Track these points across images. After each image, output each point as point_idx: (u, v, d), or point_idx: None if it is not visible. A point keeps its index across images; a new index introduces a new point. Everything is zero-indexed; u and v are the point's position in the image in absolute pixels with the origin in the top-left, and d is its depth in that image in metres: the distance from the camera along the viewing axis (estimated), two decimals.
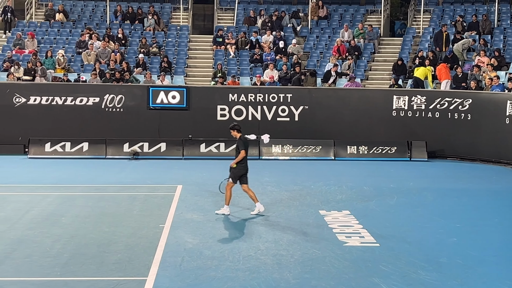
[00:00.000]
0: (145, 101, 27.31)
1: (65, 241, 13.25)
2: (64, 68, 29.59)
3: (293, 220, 15.77)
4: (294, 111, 27.49)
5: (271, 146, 26.94)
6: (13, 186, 20.15)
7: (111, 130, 27.01)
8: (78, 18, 35.50)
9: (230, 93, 27.55)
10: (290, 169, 24.48)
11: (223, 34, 33.05)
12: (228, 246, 12.98)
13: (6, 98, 26.65)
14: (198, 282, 10.51)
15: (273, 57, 30.98)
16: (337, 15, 36.09)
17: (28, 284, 10.47)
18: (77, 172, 23.26)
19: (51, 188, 19.80)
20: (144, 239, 13.55)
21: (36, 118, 26.88)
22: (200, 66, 32.44)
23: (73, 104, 27.04)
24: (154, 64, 30.81)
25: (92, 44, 30.93)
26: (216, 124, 27.30)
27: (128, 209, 16.83)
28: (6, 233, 13.88)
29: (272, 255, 12.31)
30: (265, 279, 10.62)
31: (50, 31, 33.39)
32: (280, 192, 19.57)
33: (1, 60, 30.13)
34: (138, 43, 32.41)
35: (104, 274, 11.00)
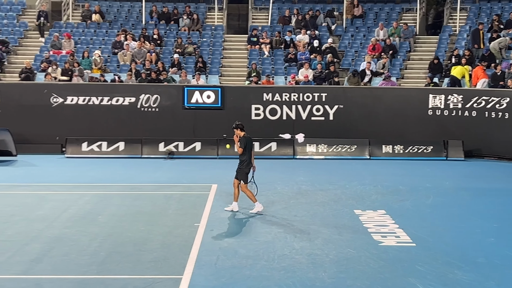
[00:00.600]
0: (180, 101, 27.45)
1: (102, 239, 13.37)
2: (100, 68, 29.85)
3: (327, 220, 15.69)
4: (329, 110, 27.40)
5: (305, 145, 26.93)
6: (50, 185, 20.36)
7: (147, 129, 27.18)
8: (114, 19, 35.80)
9: (265, 92, 27.56)
10: (324, 169, 24.44)
11: (257, 33, 33.05)
12: (263, 245, 12.94)
13: (44, 98, 26.98)
14: (233, 281, 10.52)
15: (308, 56, 30.89)
16: (372, 13, 35.87)
17: (66, 282, 10.58)
18: (114, 171, 23.52)
19: (88, 187, 20.00)
20: (180, 238, 13.62)
21: (73, 118, 27.15)
22: (234, 66, 32.48)
23: (109, 104, 27.29)
24: (189, 64, 30.93)
25: (128, 44, 31.16)
26: (251, 123, 27.19)
27: (164, 208, 16.91)
28: (44, 231, 14.05)
29: (307, 254, 12.27)
30: (300, 279, 10.59)
31: (87, 32, 33.71)
32: (315, 192, 19.49)
33: (39, 60, 30.51)
34: (173, 43, 32.58)
35: (140, 273, 11.06)
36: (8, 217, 15.49)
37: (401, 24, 33.26)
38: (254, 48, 32.32)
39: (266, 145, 26.97)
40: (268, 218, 15.70)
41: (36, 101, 27.08)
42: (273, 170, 23.77)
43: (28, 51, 32.63)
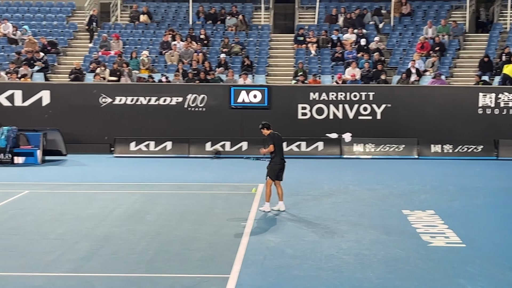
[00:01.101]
0: (227, 101, 27.55)
1: (150, 238, 13.45)
2: (148, 68, 30.14)
3: (375, 220, 15.53)
4: (376, 109, 27.21)
5: (352, 144, 26.82)
6: (99, 184, 20.63)
7: (194, 129, 27.36)
8: (161, 19, 36.08)
9: (311, 91, 27.48)
10: (372, 168, 24.25)
11: (304, 32, 32.98)
12: (310, 245, 12.87)
13: (93, 99, 27.37)
14: (281, 281, 10.49)
15: (355, 55, 30.71)
16: (420, 11, 35.49)
17: (115, 280, 10.67)
18: (161, 170, 23.70)
19: (136, 187, 20.20)
20: (227, 237, 13.63)
21: (121, 117, 27.51)
22: (281, 65, 32.46)
23: (157, 104, 27.54)
24: (235, 63, 31.02)
25: (175, 44, 31.39)
26: (297, 123, 27.31)
27: (211, 207, 16.94)
28: (93, 230, 14.21)
29: (355, 254, 12.16)
30: (347, 279, 10.51)
31: (135, 33, 34.07)
32: (362, 191, 19.33)
33: (88, 61, 30.95)
34: (220, 43, 32.71)
35: (188, 271, 11.10)
36: (59, 215, 15.71)
37: (450, 21, 32.87)
38: (301, 47, 32.28)
39: (313, 145, 26.89)
40: (315, 218, 15.61)
41: (85, 101, 27.50)
42: (320, 170, 23.76)
43: (78, 52, 33.11)
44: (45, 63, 30.48)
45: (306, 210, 16.54)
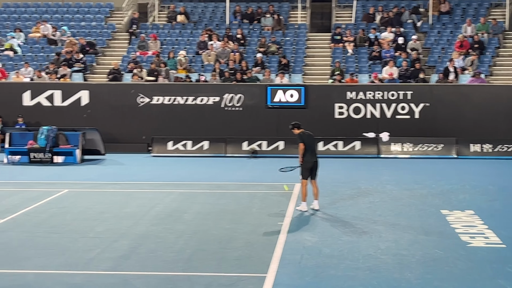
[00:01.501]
0: (263, 100, 27.57)
1: (188, 237, 13.53)
2: (185, 68, 30.28)
3: (413, 220, 15.41)
4: (415, 109, 27.00)
5: (390, 144, 26.67)
6: (138, 183, 20.80)
7: (231, 128, 27.43)
8: (198, 19, 36.21)
9: (348, 91, 27.37)
10: (410, 168, 24.07)
11: (341, 31, 32.83)
12: (347, 245, 12.82)
13: (131, 98, 27.60)
14: (318, 280, 10.46)
15: (393, 54, 30.48)
16: (459, 9, 35.07)
17: (153, 278, 10.73)
18: (198, 170, 23.78)
19: (173, 186, 20.26)
20: (264, 236, 13.63)
21: (159, 117, 27.70)
22: (318, 64, 32.35)
23: (194, 103, 27.67)
24: (272, 63, 31.00)
25: (212, 44, 31.49)
26: (334, 122, 27.23)
27: (248, 207, 16.97)
28: (132, 228, 14.33)
29: (393, 254, 12.07)
30: (385, 279, 10.44)
31: (172, 33, 34.25)
32: (400, 191, 19.19)
33: (126, 61, 31.21)
34: (256, 43, 32.71)
35: (225, 270, 11.12)
36: (98, 214, 15.87)
37: (490, 19, 32.44)
38: (338, 47, 32.15)
39: (350, 144, 26.78)
40: (352, 218, 15.53)
41: (123, 101, 27.76)
42: (357, 169, 23.66)
43: (116, 53, 33.40)
44: (84, 63, 30.82)
45: (343, 209, 16.47)
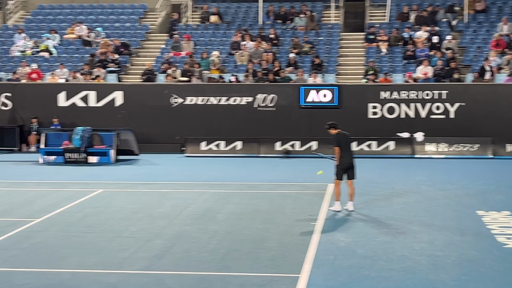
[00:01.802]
0: (296, 100, 27.53)
1: (221, 237, 13.56)
2: (218, 69, 30.35)
3: (448, 220, 15.25)
4: (450, 108, 26.76)
5: (425, 144, 26.48)
6: (171, 183, 20.87)
7: (264, 129, 27.44)
8: (231, 20, 36.27)
9: (382, 90, 27.21)
10: (445, 168, 23.83)
11: (375, 31, 32.66)
12: (381, 246, 12.74)
13: (164, 99, 27.75)
14: (352, 281, 10.41)
15: (427, 53, 30.21)
16: (495, 8, 34.67)
17: (187, 278, 10.78)
18: (231, 170, 23.87)
19: (206, 186, 20.36)
20: (297, 237, 13.62)
21: (192, 117, 27.80)
22: (351, 64, 32.21)
23: (227, 104, 27.73)
24: (305, 63, 30.94)
25: (245, 44, 31.53)
26: (368, 122, 27.10)
27: (281, 207, 16.95)
28: (166, 228, 14.41)
29: (427, 255, 11.96)
30: (420, 280, 10.36)
31: (205, 33, 34.37)
32: (435, 192, 19.02)
33: (159, 62, 31.39)
34: (289, 43, 32.67)
35: (259, 270, 11.13)
36: (132, 214, 15.99)
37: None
38: (372, 46, 32.00)
39: (384, 144, 26.64)
40: (386, 218, 15.44)
41: (157, 101, 27.91)
42: (391, 169, 23.55)
43: (150, 53, 33.61)
44: (118, 64, 31.07)
45: (377, 210, 16.39)
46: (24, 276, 10.93)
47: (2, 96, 28.60)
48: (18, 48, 32.85)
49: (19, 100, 28.63)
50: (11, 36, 34.39)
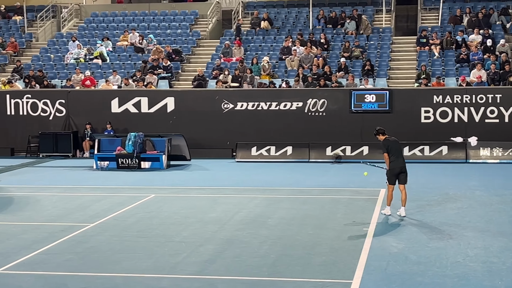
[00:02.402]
0: (347, 105, 27.39)
1: (272, 242, 13.54)
2: (268, 74, 30.42)
3: (504, 226, 14.93)
4: (504, 112, 26.30)
5: (479, 148, 26.03)
6: (222, 188, 20.96)
7: (314, 134, 27.33)
8: (282, 25, 36.34)
9: (435, 94, 26.88)
10: (500, 173, 23.39)
11: (427, 34, 32.33)
12: (435, 251, 12.56)
13: (215, 104, 27.91)
14: (404, 287, 10.34)
15: (481, 56, 29.77)
16: None
17: (238, 283, 10.81)
18: (282, 175, 23.81)
19: (257, 191, 20.33)
20: (348, 242, 13.53)
21: (243, 123, 27.90)
22: (403, 68, 31.97)
23: (277, 109, 27.74)
24: (356, 67, 30.80)
25: (296, 49, 31.54)
26: (420, 126, 26.80)
27: (332, 212, 16.87)
28: (217, 233, 14.48)
29: (482, 262, 11.75)
30: (475, 286, 10.20)
31: (256, 39, 34.50)
32: (489, 197, 18.66)
33: (210, 68, 31.60)
34: (340, 47, 32.56)
35: (310, 276, 11.08)
36: (183, 219, 16.11)
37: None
38: (424, 50, 31.68)
39: (437, 149, 26.28)
40: (440, 224, 15.20)
41: (208, 107, 28.09)
42: (444, 175, 23.21)
43: (200, 59, 33.92)
44: (170, 70, 31.39)
45: (430, 215, 16.15)
46: (78, 280, 11.09)
47: (56, 103, 29.09)
48: (72, 56, 33.48)
49: (73, 106, 29.09)
50: (65, 44, 35.09)
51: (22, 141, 29.17)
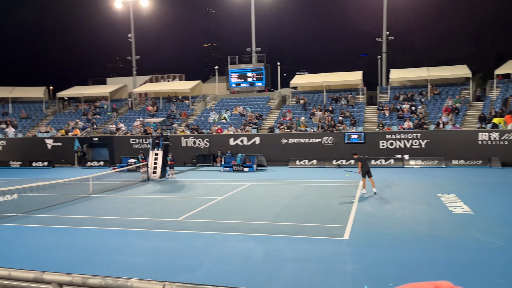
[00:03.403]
0: (343, 139, 26.66)
1: (306, 206, 12.99)
2: (304, 125, 29.73)
3: (423, 199, 13.92)
4: (421, 142, 25.15)
5: (409, 160, 24.77)
6: (282, 180, 19.86)
7: (327, 153, 26.37)
8: (310, 101, 34.88)
9: (387, 134, 25.95)
10: (420, 172, 21.68)
11: (382, 105, 31.06)
12: (388, 211, 11.93)
13: (279, 140, 27.55)
14: (372, 229, 9.98)
15: (409, 115, 28.58)
16: (444, 91, 32.16)
17: (291, 226, 10.43)
18: (310, 174, 22.27)
19: (299, 181, 19.09)
20: (344, 206, 12.89)
21: (292, 149, 27.19)
22: (370, 121, 30.40)
23: (308, 142, 27.10)
24: (347, 121, 29.83)
25: (317, 113, 30.86)
26: (379, 149, 25.90)
27: (336, 192, 15.67)
28: (280, 202, 13.82)
29: (412, 216, 11.15)
30: (409, 230, 9.80)
31: (298, 108, 33.51)
32: (415, 183, 17.35)
33: (276, 122, 31.11)
34: (339, 112, 31.56)
35: (325, 222, 10.65)
36: (264, 195, 15.42)
37: None
38: (380, 112, 30.38)
39: (388, 161, 25.27)
40: (390, 198, 14.30)
41: (275, 141, 27.65)
42: (392, 174, 21.75)
43: (271, 119, 33.15)
44: (257, 124, 31.13)
45: (385, 193, 15.21)
46: (215, 223, 11.17)
47: (204, 140, 29.36)
48: (212, 118, 33.88)
49: (212, 141, 29.21)
50: (208, 112, 35.54)
51: (188, 159, 29.29)
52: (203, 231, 10.30)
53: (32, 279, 3.97)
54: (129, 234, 10.19)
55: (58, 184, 18.69)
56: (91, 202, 14.78)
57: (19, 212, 13.00)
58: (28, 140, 31.75)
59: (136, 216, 12.20)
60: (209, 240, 9.46)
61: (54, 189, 17.85)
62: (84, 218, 12.07)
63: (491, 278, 6.64)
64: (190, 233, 10.17)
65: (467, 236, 9.29)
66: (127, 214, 12.49)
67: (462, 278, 6.61)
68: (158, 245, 9.14)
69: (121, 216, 12.30)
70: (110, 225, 11.14)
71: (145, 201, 14.90)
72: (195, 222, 11.44)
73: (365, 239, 9.25)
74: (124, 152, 29.53)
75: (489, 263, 7.45)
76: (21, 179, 21.78)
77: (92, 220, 11.85)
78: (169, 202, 14.52)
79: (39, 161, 30.18)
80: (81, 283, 3.81)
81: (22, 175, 24.11)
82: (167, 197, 15.56)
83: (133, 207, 13.67)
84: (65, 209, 13.50)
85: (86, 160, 29.91)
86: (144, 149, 28.70)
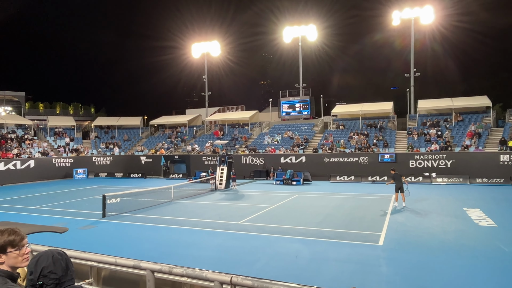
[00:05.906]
0: (377, 159, 25.54)
1: (345, 215, 12.66)
2: (343, 147, 28.70)
3: (450, 212, 12.89)
4: (447, 162, 23.35)
5: (436, 178, 23.06)
6: (324, 193, 19.19)
7: (363, 170, 25.18)
8: (349, 126, 33.63)
9: (416, 155, 24.47)
10: (446, 189, 20.06)
11: (412, 130, 29.38)
12: (417, 222, 11.24)
13: (322, 159, 26.80)
14: (404, 236, 9.42)
15: (435, 139, 26.69)
16: (468, 117, 29.81)
17: (332, 231, 10.24)
18: (348, 188, 21.19)
19: (338, 194, 18.42)
20: (379, 217, 12.37)
21: (333, 166, 26.30)
22: (401, 144, 28.69)
23: (347, 161, 25.93)
24: (380, 144, 28.50)
25: (354, 137, 29.71)
26: (410, 168, 24.38)
27: (371, 204, 15.16)
28: (322, 211, 13.51)
29: (440, 227, 10.39)
30: (437, 238, 9.16)
31: (339, 133, 32.32)
32: (442, 198, 16.13)
33: (320, 144, 30.14)
34: (373, 136, 30.27)
35: (361, 229, 10.27)
36: (308, 204, 15.10)
37: None
38: (410, 136, 28.68)
39: (418, 178, 23.69)
40: (419, 209, 13.43)
41: (318, 160, 26.93)
42: (421, 189, 20.38)
43: (315, 142, 32.17)
44: (303, 145, 30.37)
45: (415, 206, 14.32)
46: (269, 227, 11.05)
47: (260, 158, 29.14)
48: (266, 140, 33.40)
49: (266, 159, 28.97)
50: (264, 136, 34.84)
51: (247, 173, 29.14)
52: (259, 233, 10.38)
53: (132, 265, 4.13)
54: (200, 232, 10.47)
55: (148, 191, 19.38)
56: (172, 206, 15.12)
57: (121, 212, 13.58)
58: (128, 157, 34.12)
59: (206, 219, 12.45)
60: (264, 240, 9.47)
61: (145, 195, 18.48)
62: (167, 219, 12.53)
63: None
64: (249, 234, 10.21)
65: (492, 246, 8.61)
66: (199, 217, 12.77)
67: (487, 284, 6.09)
68: (223, 243, 9.30)
69: (194, 218, 12.61)
70: (186, 224, 11.49)
71: (213, 206, 15.15)
72: (253, 225, 11.45)
73: (398, 245, 8.80)
74: (198, 167, 30.42)
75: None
76: (122, 186, 22.76)
77: (173, 220, 12.27)
78: (232, 208, 14.51)
79: (135, 173, 32.27)
80: (168, 271, 4.01)
81: (123, 184, 25.50)
82: (231, 204, 15.67)
83: (204, 211, 13.95)
84: (153, 211, 13.95)
85: (169, 173, 31.32)
86: (213, 165, 29.31)
